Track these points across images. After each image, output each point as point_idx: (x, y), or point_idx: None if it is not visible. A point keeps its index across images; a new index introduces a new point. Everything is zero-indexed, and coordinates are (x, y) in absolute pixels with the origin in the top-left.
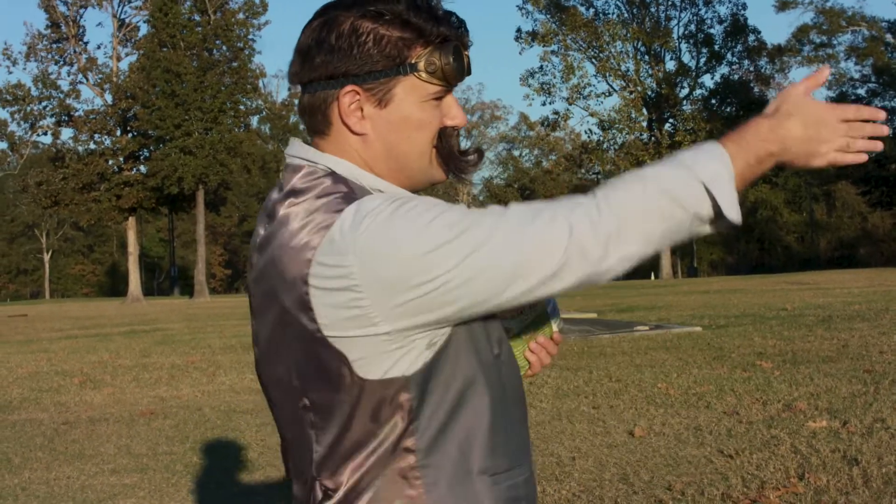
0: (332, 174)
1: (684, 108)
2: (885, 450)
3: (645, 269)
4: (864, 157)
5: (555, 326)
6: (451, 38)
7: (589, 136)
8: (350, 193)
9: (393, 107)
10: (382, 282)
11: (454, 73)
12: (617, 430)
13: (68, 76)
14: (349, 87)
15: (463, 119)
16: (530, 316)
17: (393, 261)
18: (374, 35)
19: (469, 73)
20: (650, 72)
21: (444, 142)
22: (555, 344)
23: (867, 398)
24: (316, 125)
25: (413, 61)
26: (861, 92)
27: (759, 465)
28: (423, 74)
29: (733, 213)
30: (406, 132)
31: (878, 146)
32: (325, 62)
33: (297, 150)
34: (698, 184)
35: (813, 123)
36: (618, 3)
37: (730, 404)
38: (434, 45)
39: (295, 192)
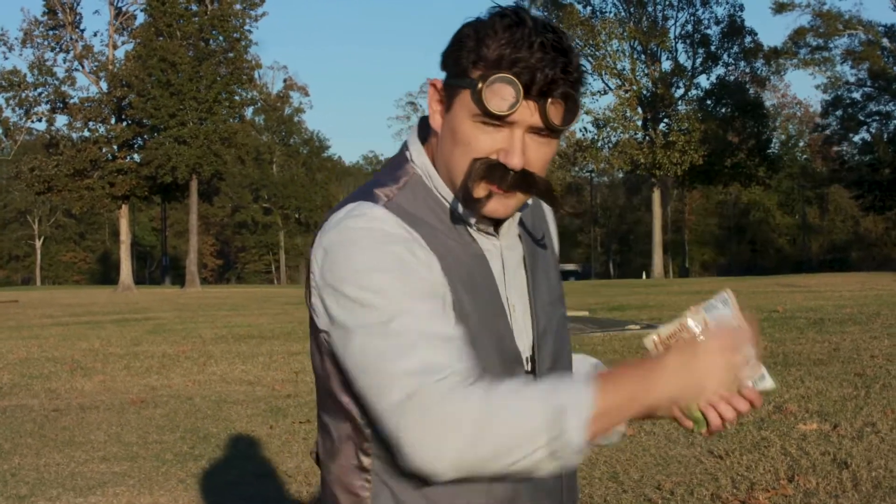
0: (407, 171)
1: (679, 108)
2: (874, 453)
3: (636, 269)
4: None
5: (750, 381)
6: (518, 69)
7: (583, 134)
8: (384, 187)
9: (452, 114)
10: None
11: (484, 103)
12: None
13: (64, 63)
14: (433, 80)
15: (513, 160)
16: None
17: (339, 268)
18: (463, 42)
19: (511, 108)
20: (646, 71)
21: (468, 170)
22: (745, 401)
23: (858, 401)
24: None
25: (472, 77)
26: (856, 96)
27: (748, 467)
28: (472, 94)
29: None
30: (452, 144)
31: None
32: (443, 51)
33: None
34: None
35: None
36: (615, 1)
37: None
38: (492, 71)
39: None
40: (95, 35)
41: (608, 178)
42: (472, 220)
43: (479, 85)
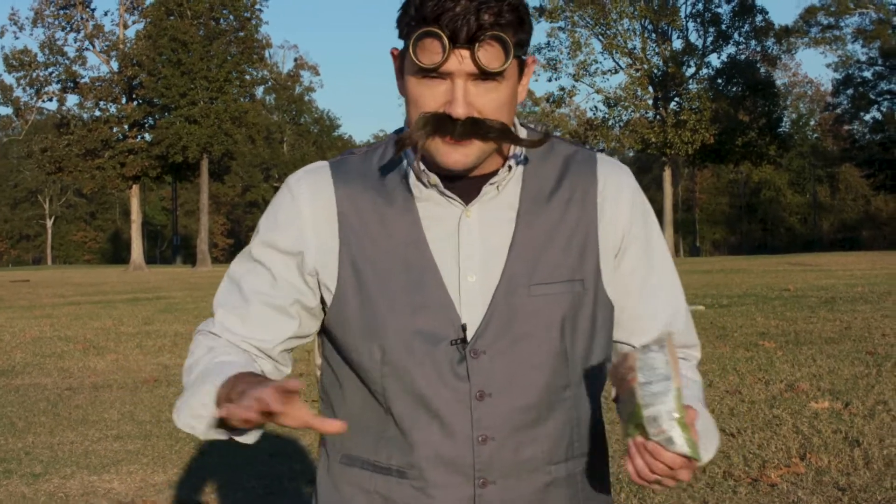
0: (393, 135)
1: (690, 86)
2: (886, 431)
3: None
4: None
5: (650, 430)
6: (439, 22)
7: (594, 113)
8: (353, 154)
9: (404, 77)
10: None
11: (416, 58)
12: None
13: (75, 43)
14: (392, 49)
15: (456, 109)
16: (627, 405)
17: None
18: (405, 7)
19: (441, 60)
20: (657, 50)
21: (413, 126)
22: (651, 456)
23: (869, 380)
24: None
25: (411, 37)
26: (867, 74)
27: (760, 445)
28: (410, 51)
29: (175, 419)
30: (408, 104)
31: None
32: (396, 22)
33: None
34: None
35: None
36: None
37: (732, 383)
38: (420, 26)
39: None
40: (106, 14)
41: (619, 157)
42: (430, 181)
43: (410, 43)
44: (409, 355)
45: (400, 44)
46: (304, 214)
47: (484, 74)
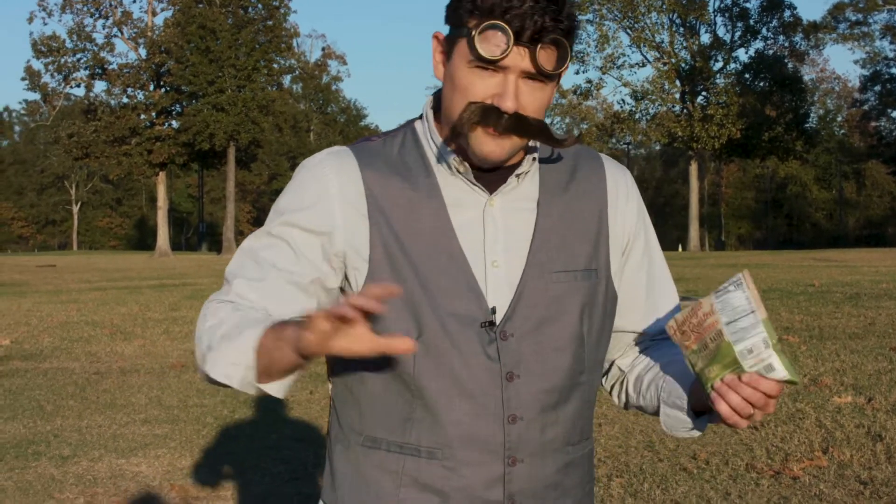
0: (410, 123)
1: (717, 81)
2: None
3: (672, 241)
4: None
5: (746, 363)
6: (507, 17)
7: (621, 107)
8: (371, 141)
9: (451, 63)
10: None
11: (477, 49)
12: None
13: (103, 29)
14: (435, 32)
15: (506, 103)
16: (710, 349)
17: None
18: None
19: (503, 54)
20: (684, 44)
21: (462, 113)
22: (750, 388)
23: (893, 375)
24: None
25: (468, 25)
26: (895, 71)
27: (783, 438)
28: (467, 41)
29: (210, 370)
30: (452, 92)
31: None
32: (447, 7)
33: None
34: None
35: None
36: None
37: None
38: (485, 19)
39: None
40: (135, 1)
41: (645, 150)
42: (460, 168)
43: (473, 32)
44: (445, 336)
45: (443, 28)
46: (332, 194)
47: (538, 74)
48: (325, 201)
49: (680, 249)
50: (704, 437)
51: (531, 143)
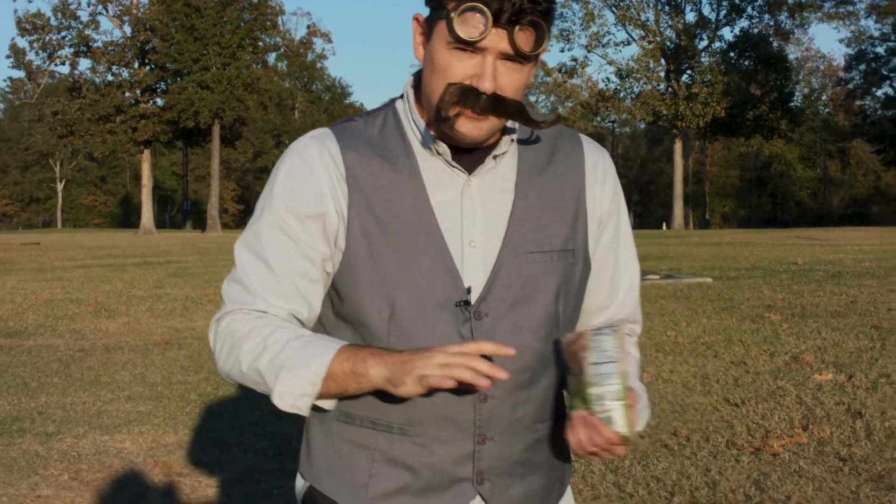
0: (391, 103)
1: (702, 59)
2: (888, 404)
3: (657, 220)
4: (450, 383)
5: (594, 407)
6: (487, 2)
7: (606, 85)
8: (353, 121)
9: (431, 44)
10: None
11: (455, 30)
12: None
13: (88, 7)
14: (416, 14)
15: (484, 84)
16: (578, 379)
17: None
18: None
19: (481, 35)
20: (670, 22)
21: (442, 94)
22: (595, 431)
23: (873, 353)
24: None
25: (447, 9)
26: (880, 50)
27: (764, 415)
28: (447, 23)
29: (278, 401)
30: (431, 73)
31: (483, 383)
32: None
33: None
34: (262, 377)
35: (396, 362)
36: None
37: (737, 354)
38: (463, 2)
39: None
40: None
41: (630, 128)
42: (439, 149)
43: (452, 14)
44: (418, 314)
45: (424, 10)
46: (320, 177)
47: (516, 56)
48: (314, 185)
49: (664, 228)
50: (686, 415)
51: (509, 124)
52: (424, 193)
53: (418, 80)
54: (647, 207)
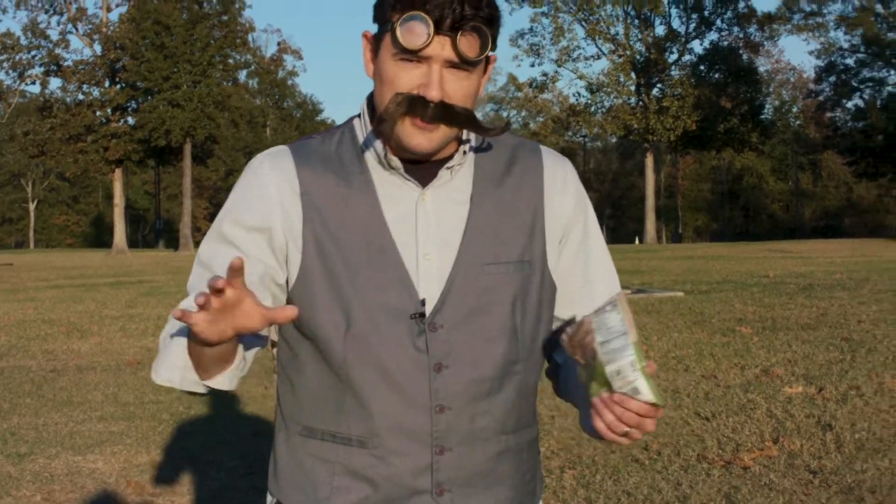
0: (350, 120)
1: (673, 73)
2: (858, 416)
3: (629, 234)
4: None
5: (615, 384)
6: (426, 7)
7: (577, 99)
8: (311, 139)
9: (378, 59)
10: None
11: (399, 40)
12: None
13: (58, 26)
14: (364, 31)
15: (431, 92)
16: (590, 365)
17: None
18: None
19: (424, 44)
20: (639, 36)
21: (388, 103)
22: (621, 407)
23: (843, 365)
24: None
25: (392, 21)
26: (850, 62)
27: (734, 428)
28: (391, 35)
29: (153, 376)
30: (380, 86)
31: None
32: (374, 6)
33: None
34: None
35: None
36: None
37: (708, 368)
38: (406, 10)
39: None
40: None
41: (601, 143)
42: (392, 163)
43: (395, 24)
44: (373, 327)
45: (372, 27)
46: (271, 193)
47: (461, 62)
48: (265, 200)
49: (637, 242)
50: (656, 429)
51: (469, 137)
52: (378, 208)
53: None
54: (619, 222)
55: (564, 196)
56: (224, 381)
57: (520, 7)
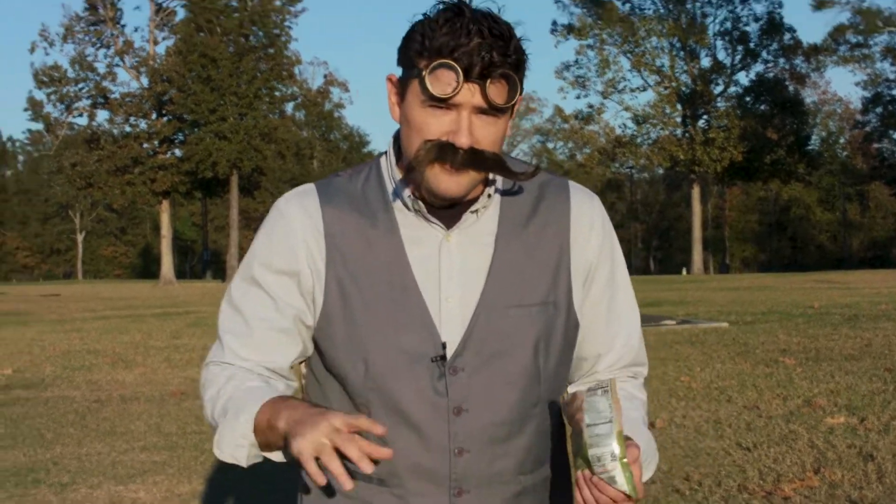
0: (377, 159)
1: (718, 104)
2: None
3: (676, 265)
4: (320, 477)
5: (595, 468)
6: (456, 56)
7: (623, 131)
8: (338, 177)
9: (405, 104)
10: None
11: (428, 88)
12: None
13: (105, 59)
14: (389, 75)
15: (461, 139)
16: (576, 441)
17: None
18: (412, 37)
19: (454, 91)
20: (685, 68)
21: (417, 151)
22: (598, 490)
23: (886, 396)
24: None
25: (419, 66)
26: None
27: (776, 459)
28: (419, 81)
29: (217, 452)
30: (408, 131)
31: (366, 468)
32: (399, 50)
33: None
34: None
35: (295, 421)
36: None
37: (750, 399)
38: (434, 59)
39: None
40: (136, 31)
41: (648, 174)
42: (415, 206)
43: (423, 72)
44: (392, 371)
45: (397, 70)
46: (297, 234)
47: (490, 109)
48: (291, 241)
49: (684, 273)
50: (698, 459)
51: (490, 178)
52: (402, 249)
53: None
54: (666, 252)
55: (591, 233)
56: (283, 455)
57: (565, 39)
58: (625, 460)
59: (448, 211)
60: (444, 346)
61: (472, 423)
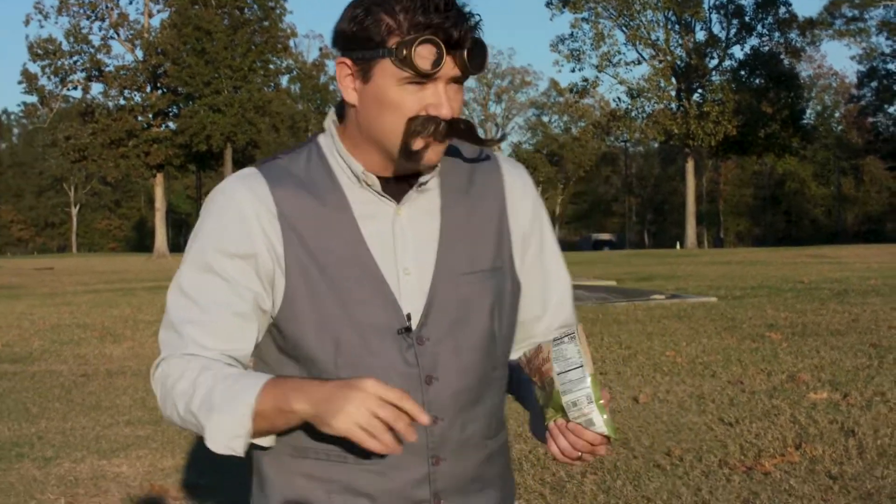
0: (314, 139)
1: (713, 78)
2: (882, 422)
3: (671, 239)
4: (380, 447)
5: (570, 414)
6: (434, 30)
7: (617, 104)
8: (278, 159)
9: (372, 85)
10: None
11: (417, 64)
12: (622, 396)
13: (99, 31)
14: (340, 59)
15: (443, 111)
16: (546, 391)
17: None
18: (368, 16)
19: (438, 65)
20: (680, 41)
21: (406, 129)
22: (574, 435)
23: (870, 371)
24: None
25: (390, 46)
26: (892, 67)
27: (757, 434)
28: (396, 60)
29: (211, 445)
30: (379, 111)
31: (411, 437)
32: (338, 33)
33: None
34: (197, 420)
35: (320, 399)
36: None
37: (735, 374)
38: (410, 35)
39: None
40: (131, 3)
41: (643, 148)
42: (366, 182)
43: (405, 51)
44: (363, 346)
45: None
46: (250, 217)
47: (464, 77)
48: (244, 225)
49: (678, 247)
50: (680, 434)
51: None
52: (356, 226)
53: (340, 114)
54: (661, 226)
55: (524, 201)
56: (272, 440)
57: (560, 12)
58: (601, 402)
59: (396, 186)
60: (408, 317)
61: (443, 391)
